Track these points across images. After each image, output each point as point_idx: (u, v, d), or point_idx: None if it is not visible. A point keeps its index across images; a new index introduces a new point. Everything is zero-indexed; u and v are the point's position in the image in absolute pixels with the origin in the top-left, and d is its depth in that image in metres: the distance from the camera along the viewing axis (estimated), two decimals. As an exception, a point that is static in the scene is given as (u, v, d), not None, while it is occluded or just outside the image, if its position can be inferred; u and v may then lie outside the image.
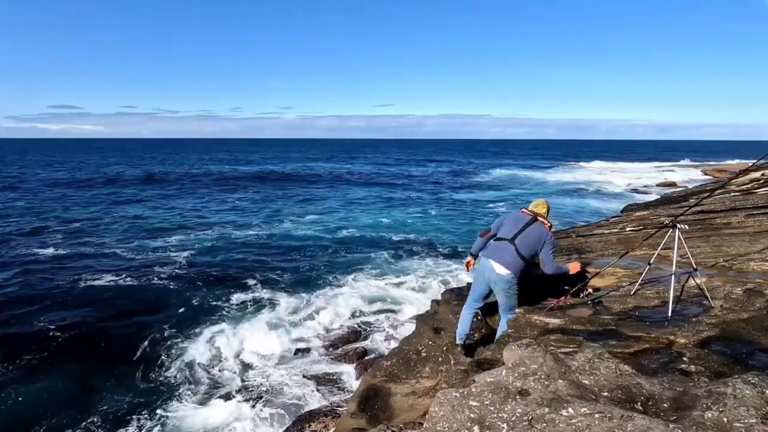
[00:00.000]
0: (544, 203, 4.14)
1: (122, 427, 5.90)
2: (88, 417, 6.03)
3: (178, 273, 11.62)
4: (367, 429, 3.93)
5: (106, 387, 6.75)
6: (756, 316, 3.70)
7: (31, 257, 13.01)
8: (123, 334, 8.29)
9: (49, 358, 7.44)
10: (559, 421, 2.08)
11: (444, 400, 2.33)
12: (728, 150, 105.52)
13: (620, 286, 4.87)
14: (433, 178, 40.91)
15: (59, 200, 24.50)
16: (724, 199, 10.46)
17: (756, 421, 2.03)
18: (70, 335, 8.12)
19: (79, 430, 5.83)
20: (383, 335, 8.22)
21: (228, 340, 8.04)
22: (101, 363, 7.37)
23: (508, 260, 3.74)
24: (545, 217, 3.99)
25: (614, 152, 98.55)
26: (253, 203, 24.19)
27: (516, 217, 3.97)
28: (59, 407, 6.20)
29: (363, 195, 27.90)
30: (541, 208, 4.09)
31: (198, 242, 14.88)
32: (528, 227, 3.84)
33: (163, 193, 27.82)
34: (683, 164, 52.05)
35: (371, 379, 4.52)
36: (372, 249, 14.30)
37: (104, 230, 16.90)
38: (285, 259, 13.14)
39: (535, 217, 3.94)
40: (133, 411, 6.17)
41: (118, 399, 6.43)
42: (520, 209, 4.14)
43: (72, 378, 6.94)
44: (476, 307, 4.09)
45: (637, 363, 2.98)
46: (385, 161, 65.33)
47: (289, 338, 8.20)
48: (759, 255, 5.39)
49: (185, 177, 38.73)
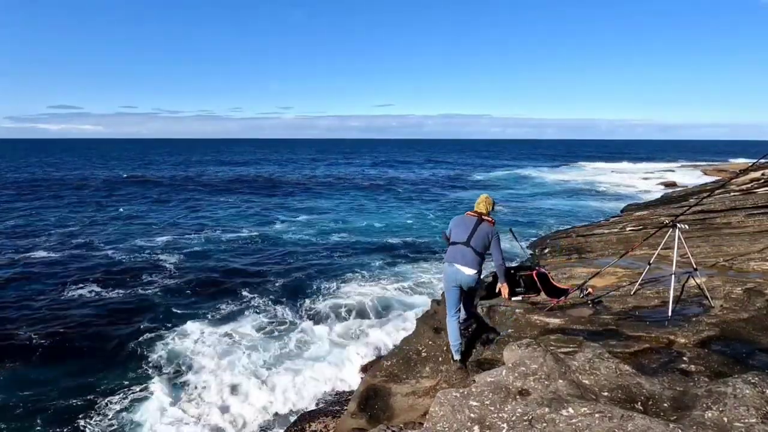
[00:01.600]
0: (485, 201, 4.30)
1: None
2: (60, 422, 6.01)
3: (164, 278, 11.16)
4: (368, 429, 3.94)
5: (84, 391, 6.62)
6: (756, 315, 3.71)
7: (19, 260, 12.99)
8: (105, 339, 8.02)
9: (28, 365, 7.30)
10: (559, 420, 2.08)
11: (444, 400, 2.34)
12: (728, 150, 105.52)
13: (620, 286, 4.87)
14: (432, 178, 40.92)
15: (48, 201, 24.57)
16: (724, 199, 10.46)
17: (756, 420, 2.03)
18: (49, 340, 8.02)
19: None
20: (383, 335, 8.22)
21: (222, 343, 8.04)
22: (80, 369, 7.20)
23: (470, 261, 4.01)
24: (488, 215, 4.20)
25: (614, 152, 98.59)
26: (249, 205, 24.18)
27: (464, 221, 4.21)
28: (33, 413, 6.15)
29: (360, 196, 27.87)
30: (483, 207, 4.26)
31: (187, 246, 14.63)
32: (477, 228, 4.09)
33: (154, 195, 27.89)
34: (683, 164, 52.06)
35: (371, 379, 4.52)
36: (369, 250, 14.27)
37: (93, 232, 16.91)
38: (281, 261, 13.05)
39: (480, 217, 4.15)
40: (118, 422, 6.09)
41: (99, 408, 6.29)
42: (465, 212, 4.31)
43: (43, 383, 6.84)
44: (457, 316, 4.25)
45: (637, 363, 2.99)
46: (385, 162, 65.35)
47: (288, 338, 8.20)
48: (759, 255, 5.40)
49: (179, 179, 38.75)
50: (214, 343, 8.04)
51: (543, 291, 4.84)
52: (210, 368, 7.25)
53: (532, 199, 26.55)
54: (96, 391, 6.72)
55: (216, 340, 8.12)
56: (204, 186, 33.48)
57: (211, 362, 7.41)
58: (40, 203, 23.81)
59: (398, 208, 23.04)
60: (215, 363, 7.38)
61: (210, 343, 8.00)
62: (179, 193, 29.41)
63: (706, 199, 9.39)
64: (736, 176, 6.73)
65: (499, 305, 4.68)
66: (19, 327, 8.59)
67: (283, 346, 7.96)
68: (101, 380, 6.99)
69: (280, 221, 19.47)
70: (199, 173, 43.86)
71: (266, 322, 9.01)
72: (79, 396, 6.58)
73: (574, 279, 5.30)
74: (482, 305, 4.87)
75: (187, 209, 22.78)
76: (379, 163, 62.99)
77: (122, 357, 7.70)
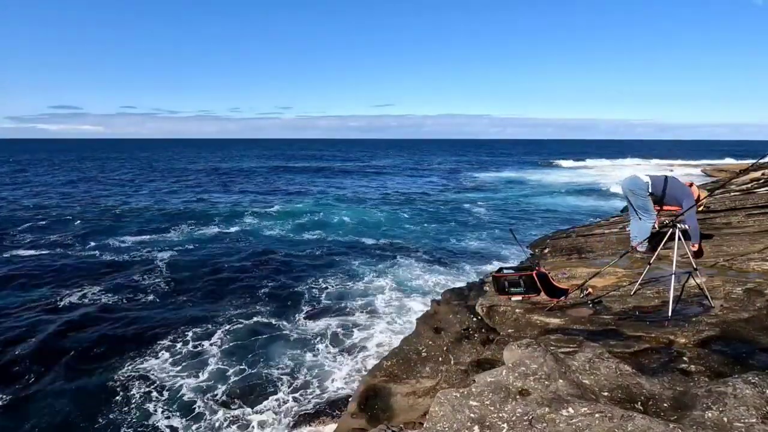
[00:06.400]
0: None
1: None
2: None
3: (163, 279, 11.48)
4: (368, 429, 3.94)
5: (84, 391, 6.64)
6: (756, 315, 3.70)
7: (7, 260, 13.01)
8: (96, 343, 7.99)
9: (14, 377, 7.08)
10: (559, 420, 2.08)
11: (444, 400, 2.34)
12: (729, 150, 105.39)
13: (620, 286, 4.87)
14: (432, 179, 40.90)
15: (42, 199, 24.62)
16: (724, 199, 10.45)
17: (756, 420, 2.03)
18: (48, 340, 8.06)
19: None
20: (382, 336, 8.22)
21: (221, 343, 8.04)
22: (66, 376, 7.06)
23: None
24: None
25: (614, 152, 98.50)
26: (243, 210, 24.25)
27: None
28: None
29: (358, 197, 27.86)
30: None
31: (169, 246, 14.72)
32: None
33: (146, 191, 27.92)
34: (683, 163, 52.02)
35: (371, 379, 4.52)
36: (367, 251, 14.27)
37: (81, 228, 17.03)
38: (278, 262, 13.04)
39: None
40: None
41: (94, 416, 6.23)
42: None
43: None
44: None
45: (638, 363, 2.99)
46: (384, 162, 65.35)
47: (287, 338, 8.21)
48: (759, 255, 5.39)
49: (173, 174, 38.77)
50: (212, 343, 8.03)
51: (543, 291, 4.84)
52: (208, 369, 7.25)
53: (532, 199, 26.54)
54: (96, 390, 6.72)
55: (215, 341, 8.12)
56: (194, 181, 33.45)
57: (209, 362, 7.41)
58: (22, 201, 23.81)
59: (399, 209, 22.94)
60: (213, 363, 7.39)
61: (208, 344, 8.00)
62: (168, 189, 29.37)
63: (706, 199, 9.38)
64: (736, 176, 6.71)
65: (499, 305, 4.68)
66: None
67: (283, 346, 7.96)
68: (101, 379, 6.99)
69: (272, 222, 19.44)
70: (193, 170, 43.82)
71: (266, 321, 9.01)
72: (77, 397, 6.58)
73: (574, 279, 5.30)
74: (482, 305, 4.87)
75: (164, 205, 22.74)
76: (379, 162, 62.89)
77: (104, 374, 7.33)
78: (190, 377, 7.01)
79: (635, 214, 6.07)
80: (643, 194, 5.90)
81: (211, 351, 7.79)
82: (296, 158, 73.58)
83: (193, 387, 6.78)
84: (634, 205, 6.03)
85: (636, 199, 5.98)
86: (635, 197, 5.97)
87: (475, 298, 5.39)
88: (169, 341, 8.11)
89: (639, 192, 5.92)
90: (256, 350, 7.82)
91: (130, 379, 6.97)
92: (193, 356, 7.63)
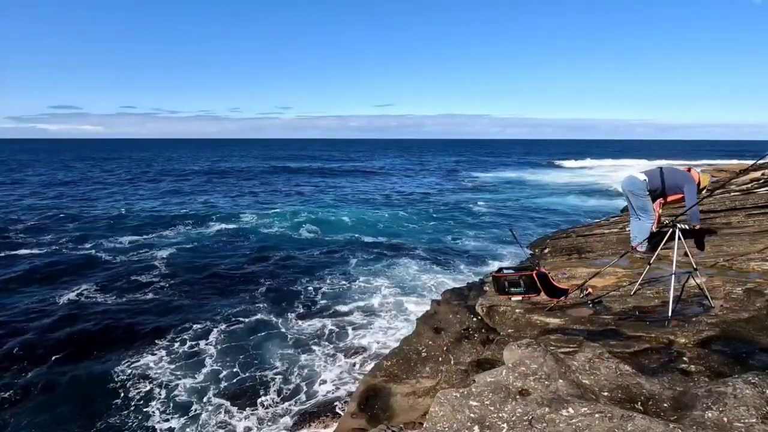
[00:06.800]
0: None
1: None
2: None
3: (163, 279, 11.47)
4: (368, 429, 3.93)
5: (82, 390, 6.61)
6: (756, 315, 3.70)
7: (6, 259, 12.99)
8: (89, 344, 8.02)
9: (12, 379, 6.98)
10: (559, 421, 2.08)
11: (444, 400, 2.33)
12: (729, 150, 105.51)
13: (620, 286, 4.87)
14: (431, 178, 40.91)
15: (37, 198, 24.62)
16: (724, 199, 10.46)
17: (756, 420, 2.03)
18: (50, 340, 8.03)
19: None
20: (382, 336, 8.22)
21: (219, 344, 8.04)
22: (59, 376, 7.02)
23: None
24: None
25: (614, 151, 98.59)
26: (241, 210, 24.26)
27: None
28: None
29: (357, 196, 27.88)
30: None
31: (163, 245, 14.74)
32: None
33: (140, 192, 27.95)
34: (683, 164, 52.02)
35: (371, 379, 4.52)
36: (366, 250, 14.26)
37: (78, 228, 17.06)
38: (277, 264, 13.02)
39: None
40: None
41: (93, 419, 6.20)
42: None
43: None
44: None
45: (638, 363, 2.99)
46: (384, 161, 65.37)
47: (285, 338, 8.20)
48: (759, 255, 5.39)
49: (168, 175, 38.80)
50: (209, 342, 8.02)
51: (543, 291, 4.84)
52: (205, 368, 7.24)
53: (531, 199, 26.54)
54: (94, 389, 6.70)
55: (212, 340, 8.11)
56: (187, 180, 33.44)
57: (206, 361, 7.40)
58: (18, 201, 23.80)
59: (398, 210, 22.93)
60: (210, 362, 7.37)
61: (205, 343, 7.99)
62: (160, 189, 29.37)
63: (706, 199, 9.39)
64: (736, 176, 6.73)
65: (499, 305, 4.68)
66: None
67: (281, 346, 7.96)
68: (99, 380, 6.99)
69: (268, 222, 19.44)
70: (190, 171, 43.84)
71: (264, 321, 9.00)
72: (76, 397, 6.57)
73: (574, 279, 5.30)
74: (482, 305, 4.87)
75: (156, 205, 22.74)
76: (378, 163, 62.90)
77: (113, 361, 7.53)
78: (187, 377, 7.00)
79: (635, 214, 6.08)
80: (642, 194, 5.91)
81: (209, 350, 7.78)
82: (296, 158, 73.66)
83: (190, 386, 6.76)
84: (634, 205, 6.04)
85: (636, 200, 5.99)
86: (635, 198, 5.98)
87: (475, 298, 5.39)
88: (167, 340, 8.11)
89: (638, 192, 5.93)
90: (253, 350, 7.81)
91: (127, 377, 6.97)
92: (191, 356, 7.61)
